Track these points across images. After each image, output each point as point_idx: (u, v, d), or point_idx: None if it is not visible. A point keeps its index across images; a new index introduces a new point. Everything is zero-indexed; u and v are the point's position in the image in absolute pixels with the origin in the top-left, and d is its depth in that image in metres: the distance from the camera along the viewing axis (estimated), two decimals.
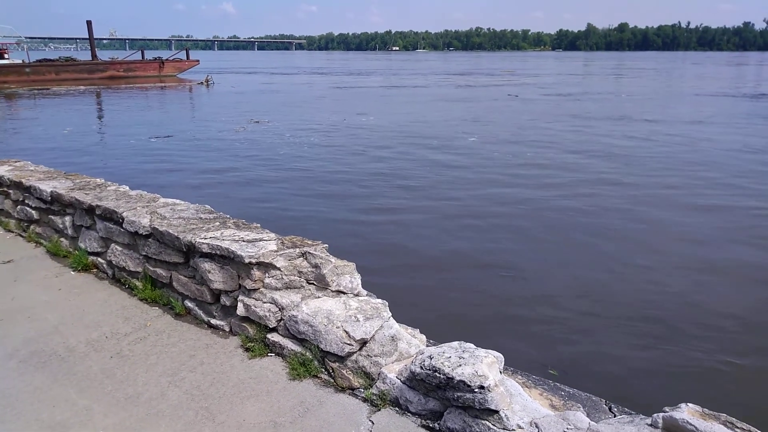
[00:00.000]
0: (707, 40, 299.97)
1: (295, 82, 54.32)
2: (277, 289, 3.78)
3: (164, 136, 19.93)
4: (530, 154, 16.06)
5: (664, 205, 10.63)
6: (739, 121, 23.71)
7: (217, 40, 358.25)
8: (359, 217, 9.93)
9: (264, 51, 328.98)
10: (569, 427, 2.75)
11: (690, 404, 2.79)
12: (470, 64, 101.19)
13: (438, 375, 2.94)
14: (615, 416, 3.11)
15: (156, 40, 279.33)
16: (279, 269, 3.79)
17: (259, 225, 4.40)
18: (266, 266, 3.79)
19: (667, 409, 2.74)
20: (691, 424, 2.58)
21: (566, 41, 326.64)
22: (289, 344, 3.63)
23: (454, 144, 17.86)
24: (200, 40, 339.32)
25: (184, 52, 64.15)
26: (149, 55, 67.68)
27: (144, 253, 4.56)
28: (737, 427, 2.68)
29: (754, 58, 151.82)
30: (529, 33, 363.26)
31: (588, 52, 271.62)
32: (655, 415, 2.75)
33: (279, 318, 3.71)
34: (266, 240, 4.00)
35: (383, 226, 9.39)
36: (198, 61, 65.68)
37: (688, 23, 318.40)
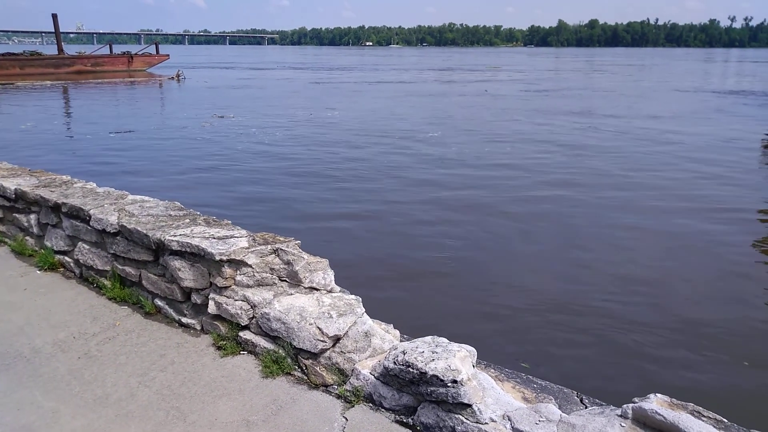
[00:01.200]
0: (675, 36, 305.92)
1: (271, 77, 53.73)
2: (248, 286, 3.74)
3: (125, 131, 19.49)
4: (487, 149, 16.14)
5: (628, 201, 10.82)
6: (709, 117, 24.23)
7: (187, 35, 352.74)
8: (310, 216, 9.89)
9: (236, 46, 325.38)
10: (541, 419, 2.78)
11: (659, 395, 2.84)
12: (454, 60, 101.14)
13: (411, 370, 2.94)
14: (586, 408, 3.15)
15: (125, 34, 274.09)
16: (251, 266, 3.75)
17: (230, 222, 4.35)
18: (238, 263, 3.75)
19: (636, 399, 2.79)
20: (659, 414, 2.63)
21: (538, 37, 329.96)
22: (262, 342, 3.60)
23: (414, 139, 17.78)
24: (170, 35, 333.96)
25: (154, 46, 63.00)
26: (117, 49, 66.29)
27: (112, 252, 4.47)
28: (704, 416, 2.74)
29: (722, 55, 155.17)
30: (502, 29, 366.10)
31: (559, 48, 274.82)
32: (624, 405, 2.79)
33: (251, 316, 3.68)
34: (237, 237, 3.95)
35: (343, 224, 9.37)
36: (168, 55, 64.59)
37: (657, 20, 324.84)
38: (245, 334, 3.70)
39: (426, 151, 15.89)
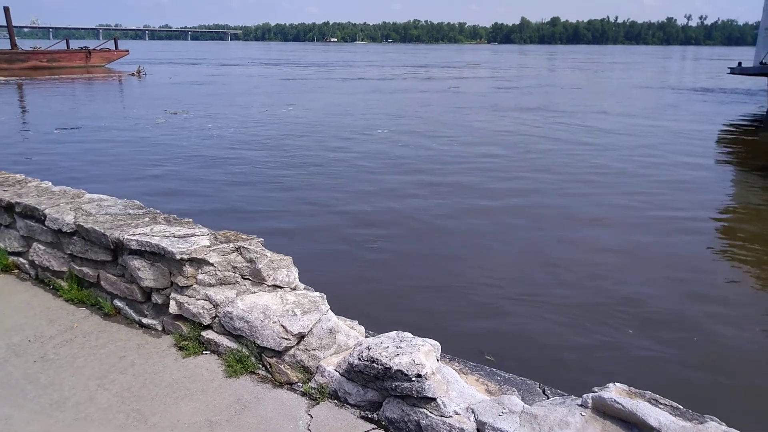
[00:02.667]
0: (634, 34, 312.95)
1: (238, 73, 52.94)
2: (210, 285, 3.68)
3: (71, 127, 18.94)
4: (435, 145, 16.28)
5: (582, 191, 11.04)
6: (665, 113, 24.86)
7: (148, 30, 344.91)
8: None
9: (198, 41, 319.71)
10: (504, 410, 2.82)
11: (617, 384, 2.91)
12: (432, 57, 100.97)
13: (376, 366, 2.94)
14: (548, 398, 3.21)
15: (82, 29, 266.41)
16: (212, 265, 3.69)
17: (191, 220, 4.28)
18: (199, 262, 3.69)
19: (596, 389, 2.85)
20: (618, 403, 2.69)
21: (501, 34, 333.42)
22: (225, 341, 3.56)
23: (362, 135, 17.76)
24: (130, 30, 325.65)
25: (113, 41, 61.47)
26: (75, 44, 64.43)
27: (69, 252, 4.35)
28: (661, 403, 2.81)
29: (681, 52, 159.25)
30: (466, 26, 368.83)
31: (522, 45, 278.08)
32: (584, 395, 2.85)
33: (213, 315, 3.62)
34: (198, 235, 3.89)
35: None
36: (128, 51, 63.09)
37: (616, 18, 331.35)
38: (208, 334, 3.65)
39: (368, 148, 15.92)
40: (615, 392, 2.78)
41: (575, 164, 13.77)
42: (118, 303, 4.14)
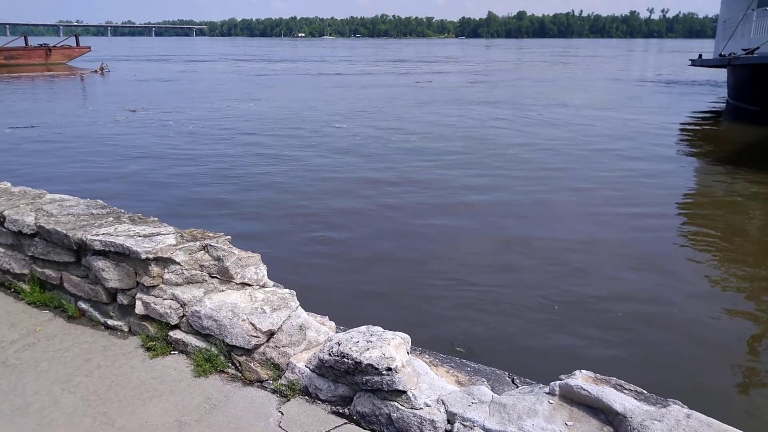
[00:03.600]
0: (599, 27, 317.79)
1: (206, 69, 52.04)
2: (177, 284, 3.64)
3: (25, 126, 18.44)
4: (395, 138, 16.34)
5: (545, 184, 11.21)
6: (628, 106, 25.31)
7: (110, 26, 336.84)
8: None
9: (162, 37, 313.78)
10: (474, 401, 2.85)
11: (584, 371, 2.96)
12: (409, 52, 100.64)
13: (346, 360, 2.94)
14: (517, 387, 3.25)
15: (42, 25, 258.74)
16: (179, 264, 3.64)
17: (156, 219, 4.21)
18: (165, 261, 3.64)
19: (563, 377, 2.90)
20: (584, 389, 2.74)
21: (469, 29, 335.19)
22: (193, 340, 3.52)
23: (318, 132, 17.68)
24: (92, 26, 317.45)
25: (74, 38, 59.94)
26: (34, 41, 62.65)
27: (30, 254, 4.25)
28: (626, 389, 2.88)
29: (645, 45, 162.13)
30: (434, 20, 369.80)
31: (489, 39, 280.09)
32: (552, 383, 2.89)
33: (181, 314, 3.58)
34: (164, 234, 3.83)
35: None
36: (89, 47, 61.57)
37: (581, 11, 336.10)
38: (176, 334, 3.60)
39: (326, 141, 15.94)
40: (581, 379, 2.83)
41: (538, 158, 13.88)
42: (82, 305, 4.05)
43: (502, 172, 12.29)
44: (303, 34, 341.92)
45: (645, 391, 2.89)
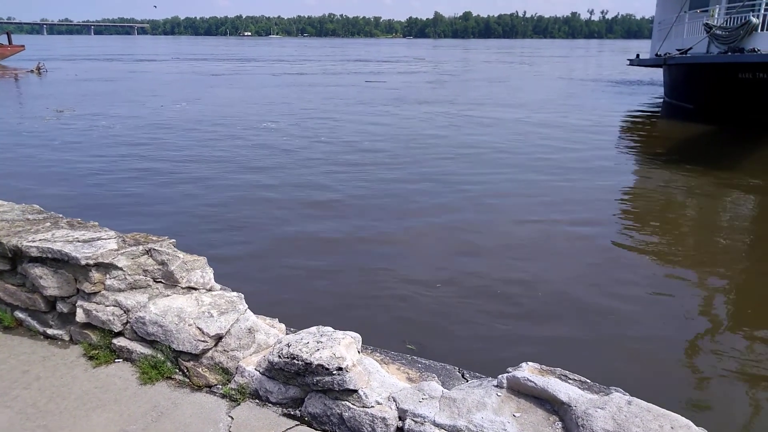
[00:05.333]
0: (542, 28, 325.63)
1: (156, 69, 50.46)
2: (120, 290, 3.53)
3: None
4: (323, 136, 16.36)
5: (486, 181, 11.44)
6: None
7: (46, 24, 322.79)
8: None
9: (102, 36, 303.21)
10: (424, 397, 2.88)
11: (530, 363, 3.04)
12: (372, 52, 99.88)
13: (296, 362, 2.93)
14: (467, 381, 3.31)
15: None
16: (121, 269, 3.53)
17: (97, 223, 4.08)
18: (106, 267, 3.52)
19: (510, 369, 2.97)
20: (531, 381, 2.81)
21: (416, 29, 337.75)
22: (138, 347, 3.42)
23: (247, 131, 17.53)
24: (25, 24, 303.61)
25: (5, 36, 57.29)
26: None
27: None
28: (570, 379, 2.97)
29: (587, 45, 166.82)
30: (381, 20, 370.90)
31: (436, 39, 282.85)
32: (500, 376, 2.95)
33: (125, 321, 3.47)
34: (105, 239, 3.71)
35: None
36: (23, 46, 58.97)
37: (525, 12, 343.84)
38: (120, 341, 3.49)
39: (256, 140, 15.86)
40: (528, 371, 2.90)
41: (480, 155, 14.10)
42: (19, 314, 3.88)
43: (439, 176, 12.45)
44: (249, 33, 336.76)
45: (588, 380, 2.99)
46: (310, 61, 64.91)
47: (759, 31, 19.62)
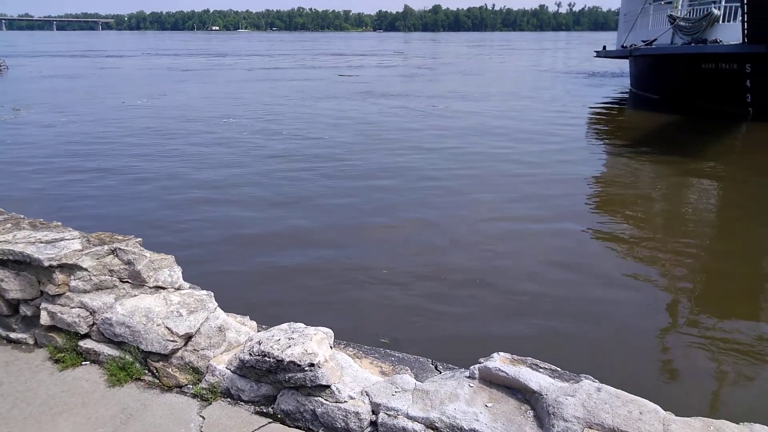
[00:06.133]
0: (510, 21, 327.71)
1: (127, 65, 49.27)
2: (86, 291, 3.45)
3: None
4: (285, 131, 16.31)
5: (458, 173, 11.51)
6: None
7: (4, 19, 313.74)
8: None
9: (65, 31, 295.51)
10: (397, 390, 2.88)
11: (501, 353, 3.06)
12: (353, 46, 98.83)
13: (268, 359, 2.90)
14: (440, 373, 3.32)
15: None
16: (86, 270, 3.45)
17: (60, 223, 3.98)
18: (71, 268, 3.44)
19: (481, 360, 2.98)
20: (502, 371, 2.83)
21: (386, 22, 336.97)
22: (106, 349, 3.35)
23: (208, 127, 17.37)
24: None
25: None
26: None
27: None
28: (541, 368, 3.00)
29: (556, 37, 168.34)
30: (351, 14, 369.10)
31: (407, 32, 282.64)
32: (472, 366, 2.97)
33: (91, 323, 3.40)
34: (69, 239, 3.62)
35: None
36: None
37: (494, 5, 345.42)
38: (86, 343, 3.42)
39: (216, 136, 15.72)
40: (499, 361, 2.92)
41: (448, 150, 14.04)
42: None
43: (405, 170, 12.47)
44: (217, 28, 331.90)
45: (559, 369, 3.02)
46: (284, 56, 64.32)
47: (720, 22, 20.07)
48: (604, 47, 31.26)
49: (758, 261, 7.45)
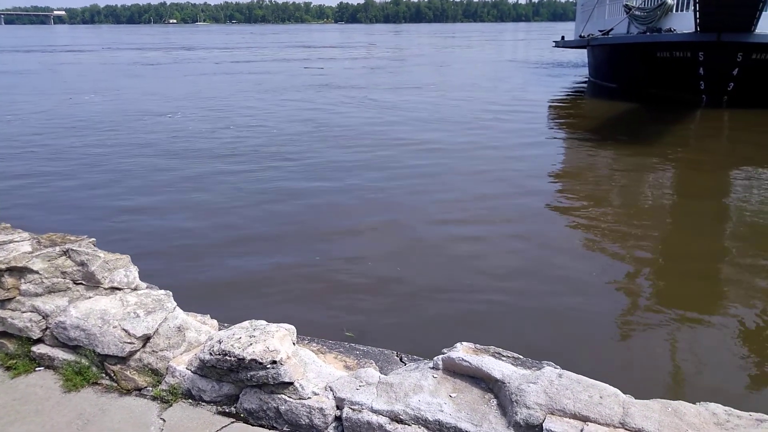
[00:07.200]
0: (471, 12, 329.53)
1: (86, 60, 47.63)
2: (37, 295, 3.33)
3: None
4: (232, 125, 16.13)
5: (414, 168, 11.54)
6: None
7: None
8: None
9: (14, 25, 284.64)
10: (361, 384, 2.86)
11: (464, 343, 3.07)
12: (316, 38, 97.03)
13: (229, 358, 2.84)
14: (405, 365, 3.31)
15: None
16: (37, 272, 3.33)
17: (9, 225, 3.83)
18: (20, 271, 3.31)
19: (445, 350, 2.99)
20: (465, 361, 2.84)
21: (347, 14, 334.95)
22: (60, 354, 3.24)
23: (150, 122, 17.03)
24: None
25: None
26: None
27: None
28: (503, 356, 3.02)
29: (516, 28, 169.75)
30: (312, 5, 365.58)
31: (369, 24, 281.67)
32: (436, 357, 2.97)
33: (44, 327, 3.29)
34: (18, 241, 3.49)
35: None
36: None
37: None
38: (40, 349, 3.30)
39: (159, 132, 15.47)
40: (462, 351, 2.93)
41: (406, 144, 13.86)
42: None
43: (363, 155, 12.42)
44: (175, 21, 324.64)
45: (521, 357, 3.05)
46: (255, 48, 63.20)
47: (674, 11, 20.56)
48: (563, 37, 31.72)
49: (713, 243, 7.67)
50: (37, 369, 3.29)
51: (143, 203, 9.17)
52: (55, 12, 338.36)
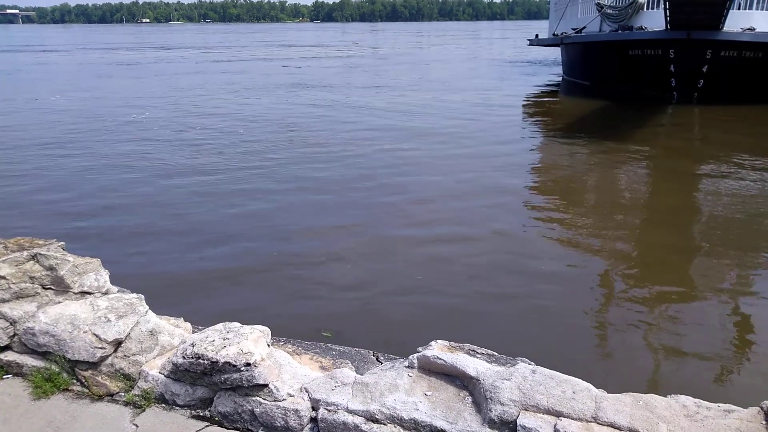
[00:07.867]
0: (446, 10, 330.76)
1: (51, 61, 46.58)
2: (4, 300, 3.25)
3: None
4: (198, 126, 16.00)
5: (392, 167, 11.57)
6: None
7: None
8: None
9: None
10: (337, 384, 2.85)
11: (439, 341, 3.08)
12: (305, 37, 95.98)
13: (202, 361, 2.82)
14: (381, 364, 3.31)
15: None
16: (4, 278, 3.26)
17: None
18: None
19: (420, 348, 2.99)
20: (440, 359, 2.85)
21: (323, 13, 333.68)
22: (29, 360, 3.18)
23: (111, 123, 16.77)
24: None
25: None
26: None
27: None
28: (478, 353, 3.04)
29: (491, 26, 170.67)
30: (287, 4, 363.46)
31: (345, 23, 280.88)
32: (411, 356, 2.97)
33: (12, 333, 3.22)
34: None
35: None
36: None
37: None
38: (7, 356, 3.23)
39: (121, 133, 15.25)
40: (437, 349, 2.94)
41: (378, 143, 13.81)
42: None
43: (348, 159, 12.41)
44: (148, 20, 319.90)
45: (496, 353, 3.07)
46: (234, 47, 62.45)
47: (645, 9, 20.88)
48: (537, 36, 32.02)
49: (684, 236, 7.81)
50: (5, 377, 3.22)
51: (110, 205, 9.03)
52: (24, 11, 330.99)
